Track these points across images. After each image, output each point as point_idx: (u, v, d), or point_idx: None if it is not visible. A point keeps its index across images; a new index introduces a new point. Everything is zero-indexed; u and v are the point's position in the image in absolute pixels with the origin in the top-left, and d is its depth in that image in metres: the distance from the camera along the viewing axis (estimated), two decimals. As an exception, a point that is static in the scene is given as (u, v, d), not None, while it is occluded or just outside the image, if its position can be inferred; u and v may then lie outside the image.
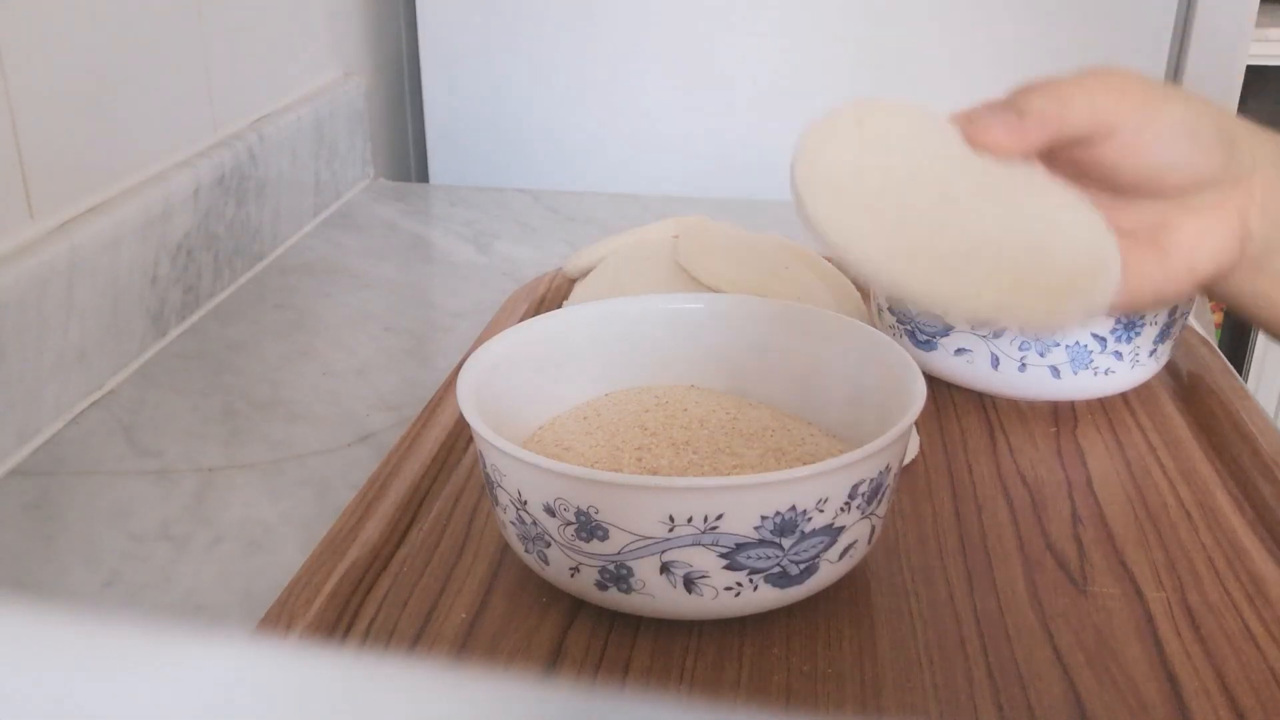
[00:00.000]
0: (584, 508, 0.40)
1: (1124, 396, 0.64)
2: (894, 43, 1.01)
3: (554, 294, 0.74)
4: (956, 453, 0.58)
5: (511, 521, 0.44)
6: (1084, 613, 0.46)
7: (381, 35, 1.13)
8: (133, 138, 0.70)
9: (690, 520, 0.40)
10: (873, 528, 0.44)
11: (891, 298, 0.57)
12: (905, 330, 0.63)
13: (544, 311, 0.59)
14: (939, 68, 1.01)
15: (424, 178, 1.20)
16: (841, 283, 0.68)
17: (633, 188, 1.08)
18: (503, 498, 0.44)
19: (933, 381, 0.62)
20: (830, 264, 0.70)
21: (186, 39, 0.75)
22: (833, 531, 0.42)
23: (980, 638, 0.44)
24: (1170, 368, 0.66)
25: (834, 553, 0.43)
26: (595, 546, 0.41)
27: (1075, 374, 0.60)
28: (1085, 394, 0.62)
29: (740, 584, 0.41)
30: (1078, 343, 0.59)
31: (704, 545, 0.40)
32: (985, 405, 0.63)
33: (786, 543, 0.41)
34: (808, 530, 0.41)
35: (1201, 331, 0.70)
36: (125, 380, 0.66)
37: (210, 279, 0.76)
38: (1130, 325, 0.59)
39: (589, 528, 0.41)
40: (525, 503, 0.42)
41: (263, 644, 0.13)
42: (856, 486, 0.42)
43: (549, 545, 0.43)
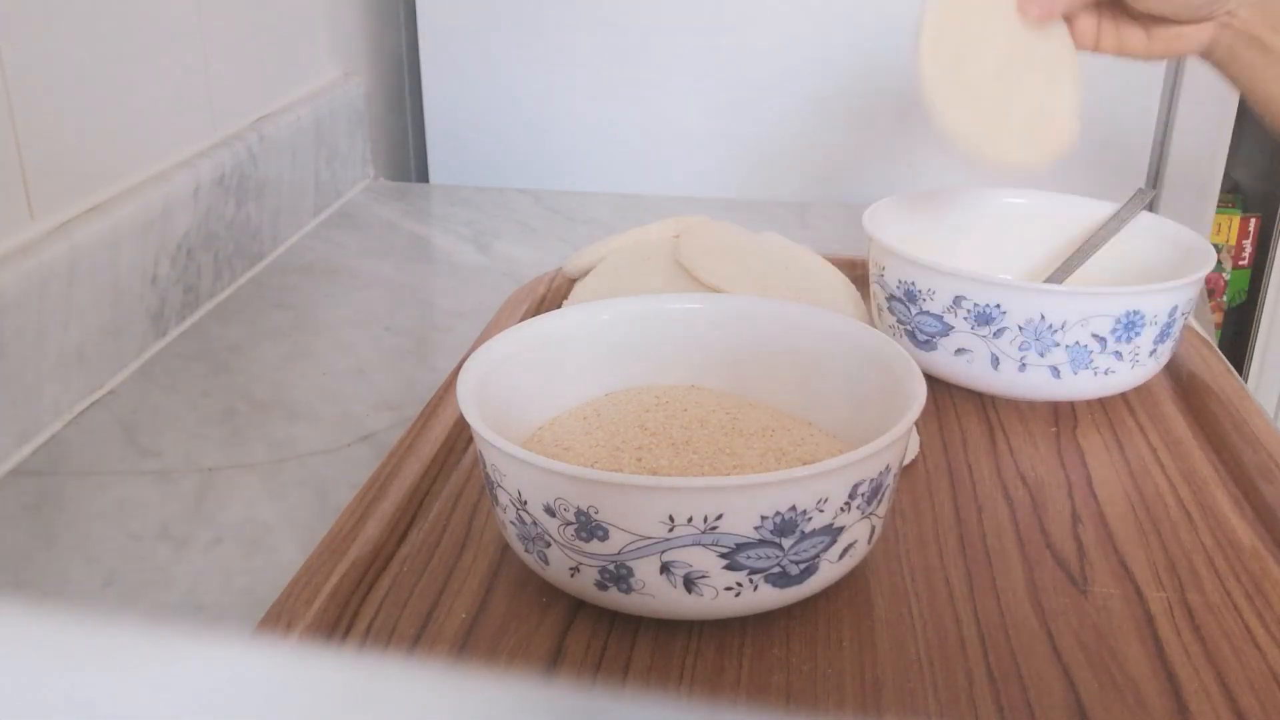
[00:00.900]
0: (584, 508, 0.40)
1: (1124, 396, 0.64)
2: (894, 44, 1.01)
3: (554, 294, 0.74)
4: (956, 453, 0.58)
5: (511, 521, 0.44)
6: (1084, 613, 0.46)
7: (381, 35, 1.13)
8: (133, 138, 0.70)
9: (690, 520, 0.40)
10: (873, 528, 0.44)
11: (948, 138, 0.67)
12: (905, 330, 0.63)
13: (544, 311, 0.59)
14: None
15: (424, 178, 1.20)
16: (841, 282, 0.68)
17: (633, 188, 1.08)
18: (503, 498, 0.44)
19: (933, 381, 0.62)
20: (830, 264, 0.70)
21: (186, 39, 0.75)
22: (833, 531, 0.42)
23: (980, 638, 0.44)
24: (1170, 368, 0.66)
25: (834, 553, 0.43)
26: (595, 546, 0.41)
27: (1075, 374, 0.60)
28: (1085, 394, 0.62)
29: (740, 584, 0.41)
30: (1077, 343, 0.59)
31: (704, 545, 0.40)
32: (985, 405, 0.63)
33: (786, 543, 0.41)
34: (808, 530, 0.41)
35: (1201, 331, 0.70)
36: (125, 380, 0.66)
37: (210, 279, 0.76)
38: (1130, 325, 0.59)
39: (589, 528, 0.41)
40: (525, 503, 0.42)
41: (263, 644, 0.13)
42: (856, 486, 0.42)
43: (549, 545, 0.43)
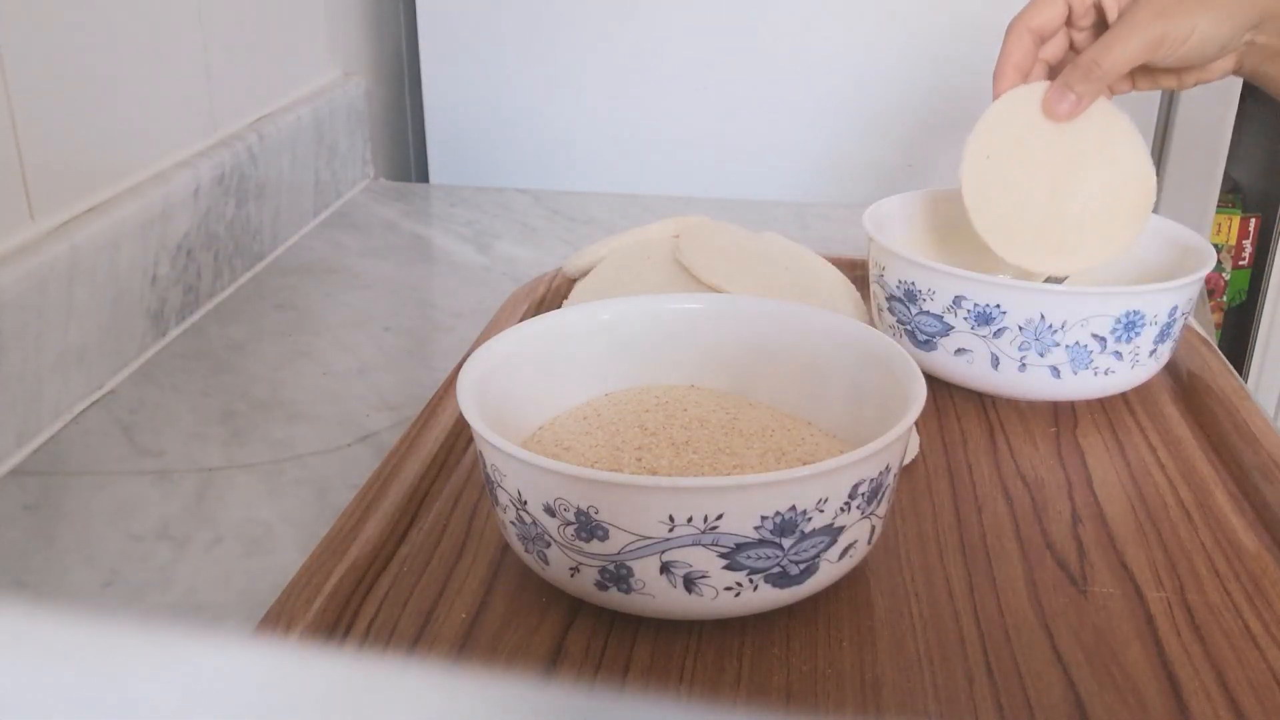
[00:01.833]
0: (584, 508, 0.40)
1: (1124, 396, 0.64)
2: (894, 44, 1.01)
3: (554, 294, 0.74)
4: (956, 453, 0.58)
5: (511, 521, 0.44)
6: (1084, 613, 0.46)
7: (381, 35, 1.13)
8: (133, 138, 0.70)
9: (690, 520, 0.40)
10: (873, 528, 0.44)
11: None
12: (905, 330, 0.63)
13: (544, 311, 0.59)
14: (938, 67, 1.01)
15: (424, 178, 1.20)
16: (841, 282, 0.68)
17: (633, 188, 1.08)
18: (503, 498, 0.44)
19: (933, 381, 0.62)
20: (830, 264, 0.70)
21: (186, 39, 0.75)
22: (833, 531, 0.42)
23: (980, 638, 0.44)
24: (1170, 368, 0.66)
25: (834, 553, 0.43)
26: (595, 546, 0.41)
27: (1075, 374, 0.60)
28: (1085, 394, 0.62)
29: (740, 584, 0.41)
30: (1077, 343, 0.59)
31: (704, 545, 0.40)
32: (985, 405, 0.63)
33: (786, 543, 0.41)
34: (808, 530, 0.41)
35: (1201, 331, 0.70)
36: (125, 380, 0.66)
37: (210, 279, 0.76)
38: (1130, 325, 0.59)
39: (589, 528, 0.41)
40: (525, 503, 0.42)
41: (263, 644, 0.13)
42: (856, 486, 0.42)
43: (549, 545, 0.43)
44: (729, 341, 0.55)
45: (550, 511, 0.41)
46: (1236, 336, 1.49)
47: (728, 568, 0.41)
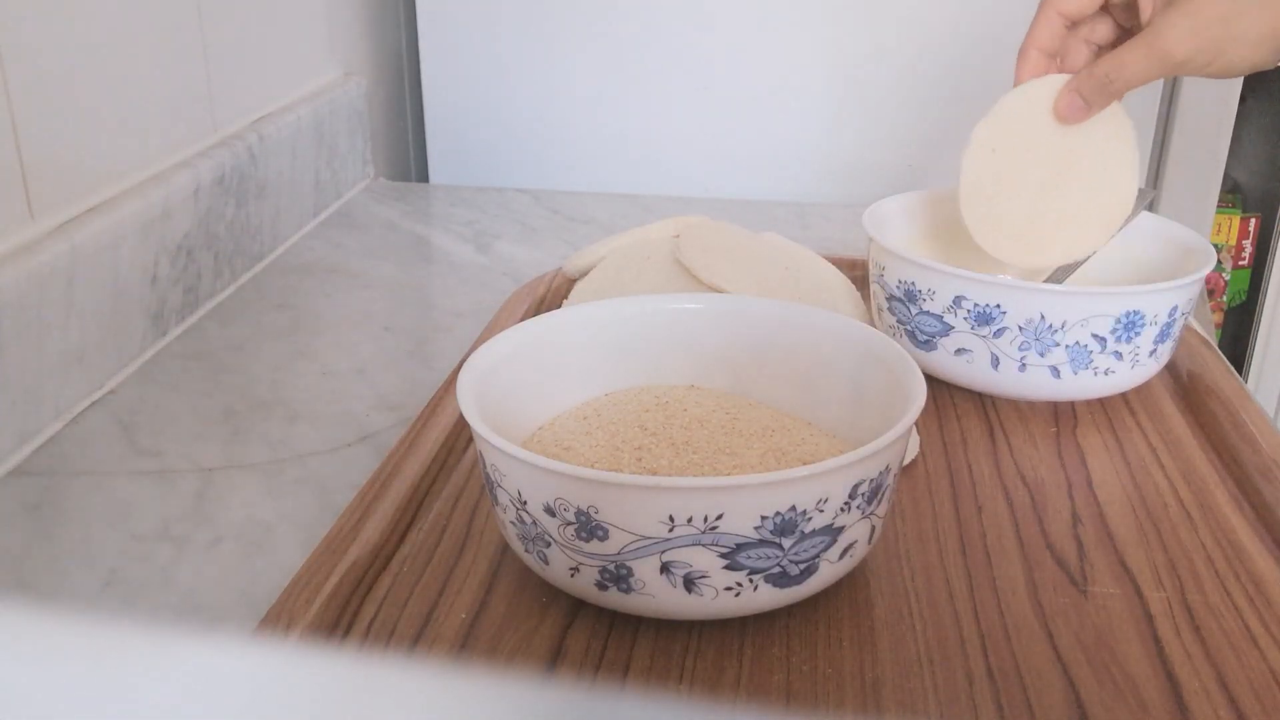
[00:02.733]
0: (584, 508, 0.40)
1: (1124, 396, 0.64)
2: (893, 44, 1.01)
3: (554, 294, 0.74)
4: (956, 453, 0.58)
5: (511, 521, 0.44)
6: (1084, 613, 0.46)
7: (381, 35, 1.13)
8: (133, 138, 0.70)
9: (690, 520, 0.40)
10: (873, 528, 0.44)
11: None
12: (905, 330, 0.63)
13: (544, 311, 0.59)
14: (939, 68, 1.01)
15: (424, 178, 1.20)
16: (841, 282, 0.68)
17: (633, 188, 1.08)
18: (503, 498, 0.44)
19: (933, 381, 0.62)
20: (830, 264, 0.70)
21: (186, 39, 0.75)
22: (833, 531, 0.42)
23: (980, 638, 0.44)
24: (1170, 368, 0.66)
25: (834, 553, 0.43)
26: (595, 546, 0.41)
27: (1075, 374, 0.60)
28: (1085, 394, 0.62)
29: (740, 584, 0.41)
30: (1077, 343, 0.59)
31: (704, 545, 0.40)
32: (985, 405, 0.63)
33: (786, 543, 0.41)
34: (808, 530, 0.41)
35: (1201, 331, 0.70)
36: (125, 380, 0.66)
37: (210, 279, 0.76)
38: (1130, 325, 0.59)
39: (589, 528, 0.41)
40: (525, 503, 0.42)
41: (263, 644, 0.13)
42: (856, 486, 0.42)
43: (549, 545, 0.43)
44: (729, 341, 0.55)
45: (550, 511, 0.41)
46: (1236, 336, 1.49)
47: (728, 568, 0.41)
